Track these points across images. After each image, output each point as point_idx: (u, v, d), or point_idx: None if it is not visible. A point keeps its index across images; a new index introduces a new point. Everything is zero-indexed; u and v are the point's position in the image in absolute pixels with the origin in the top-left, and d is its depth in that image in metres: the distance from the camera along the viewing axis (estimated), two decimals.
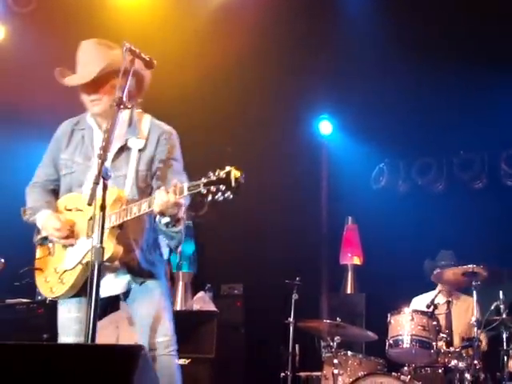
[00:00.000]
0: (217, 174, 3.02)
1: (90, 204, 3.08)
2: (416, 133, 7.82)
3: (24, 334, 5.88)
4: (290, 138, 8.12)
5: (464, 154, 8.00)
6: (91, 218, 3.39)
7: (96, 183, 3.07)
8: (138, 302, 3.57)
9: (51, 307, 6.08)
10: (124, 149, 3.59)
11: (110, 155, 3.50)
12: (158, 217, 3.34)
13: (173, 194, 3.15)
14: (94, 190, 3.07)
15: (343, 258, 8.30)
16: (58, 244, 3.58)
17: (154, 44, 6.25)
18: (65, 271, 3.53)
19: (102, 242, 3.06)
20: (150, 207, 3.25)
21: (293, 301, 6.46)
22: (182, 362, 6.32)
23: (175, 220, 3.33)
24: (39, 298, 6.36)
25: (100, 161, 3.11)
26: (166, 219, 3.31)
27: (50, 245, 3.63)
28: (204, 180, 3.03)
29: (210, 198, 3.02)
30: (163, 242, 3.64)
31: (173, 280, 7.49)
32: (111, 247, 3.35)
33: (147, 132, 3.62)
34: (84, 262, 3.43)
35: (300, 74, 7.65)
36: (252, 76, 7.55)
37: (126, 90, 3.32)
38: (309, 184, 8.24)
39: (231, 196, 3.00)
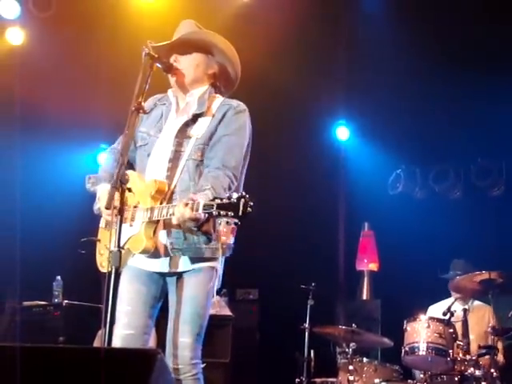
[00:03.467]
0: (231, 197, 3.03)
1: (107, 208, 3.11)
2: (433, 139, 7.80)
3: (40, 337, 5.92)
4: (307, 144, 8.11)
5: (481, 161, 7.96)
6: (136, 206, 3.41)
7: (114, 187, 3.08)
8: (172, 302, 3.49)
9: (68, 310, 6.16)
10: (189, 125, 3.57)
11: (174, 130, 3.55)
12: None
13: (189, 209, 3.15)
14: (111, 194, 3.08)
15: (359, 264, 8.28)
16: None
17: None
18: (112, 251, 3.55)
19: (119, 245, 3.08)
20: (170, 215, 3.27)
21: (308, 306, 6.45)
22: None
23: (197, 225, 3.31)
24: (55, 300, 6.40)
25: (118, 165, 3.13)
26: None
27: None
28: (218, 201, 3.04)
29: (220, 220, 3.09)
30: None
31: None
32: (144, 242, 3.36)
33: (215, 110, 3.60)
34: (125, 247, 3.39)
35: (318, 80, 7.65)
36: (269, 81, 7.55)
37: (144, 94, 3.33)
38: (325, 190, 8.22)
39: (239, 223, 3.06)
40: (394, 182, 8.43)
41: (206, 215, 3.17)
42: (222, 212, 3.03)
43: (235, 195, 3.04)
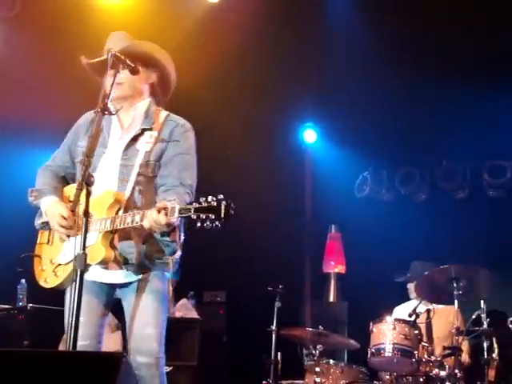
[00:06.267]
0: (209, 200, 3.03)
1: (72, 210, 3.08)
2: (399, 142, 7.86)
3: (4, 341, 5.84)
4: (274, 146, 8.13)
5: (447, 164, 8.04)
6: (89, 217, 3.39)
7: (79, 189, 3.06)
8: (129, 305, 3.52)
9: (32, 314, 6.08)
10: (137, 139, 3.60)
11: (122, 144, 3.57)
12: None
13: (163, 215, 3.15)
14: (77, 196, 3.07)
15: (326, 266, 8.31)
16: (57, 235, 3.58)
17: None
18: (59, 264, 3.53)
19: (84, 248, 3.05)
20: (141, 221, 3.26)
21: (275, 309, 6.46)
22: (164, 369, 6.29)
23: (167, 232, 3.33)
24: (20, 304, 6.32)
25: (84, 166, 3.11)
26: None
27: (51, 233, 3.63)
28: (195, 205, 3.05)
29: (199, 224, 3.05)
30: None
31: None
32: (103, 251, 3.35)
33: (161, 125, 3.64)
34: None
35: (285, 82, 7.67)
36: (236, 82, 7.56)
37: (111, 96, 3.34)
38: (292, 192, 8.25)
39: (219, 226, 3.04)
40: (361, 185, 8.48)
41: (178, 221, 3.17)
42: (201, 215, 3.02)
43: (211, 198, 3.04)
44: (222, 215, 3.01)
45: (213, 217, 3.01)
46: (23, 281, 6.39)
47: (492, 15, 6.70)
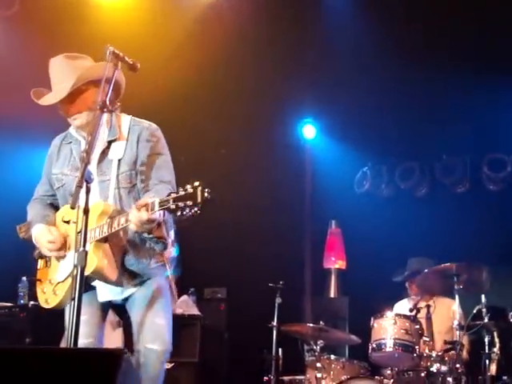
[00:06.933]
0: (186, 188, 3.05)
1: (72, 208, 3.08)
2: (399, 137, 7.86)
3: (6, 338, 5.85)
4: (273, 142, 8.13)
5: (446, 159, 8.04)
6: (79, 232, 3.40)
7: (79, 186, 3.06)
8: (136, 307, 3.57)
9: (34, 311, 6.09)
10: (106, 152, 3.62)
11: (94, 160, 3.57)
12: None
13: (145, 211, 3.18)
14: (76, 194, 3.07)
15: (327, 261, 8.32)
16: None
17: (139, 45, 6.24)
18: (58, 283, 3.58)
19: (85, 245, 3.05)
20: (126, 222, 3.29)
21: (276, 304, 6.46)
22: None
23: (151, 231, 3.35)
24: (21, 301, 6.33)
25: (83, 164, 3.11)
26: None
27: (48, 256, 3.68)
28: (173, 195, 3.07)
29: (178, 213, 3.05)
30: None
31: None
32: (95, 261, 3.36)
33: (127, 132, 3.66)
34: (74, 274, 3.41)
35: (285, 78, 7.67)
36: (237, 79, 7.56)
37: (109, 94, 3.33)
38: (292, 188, 8.25)
39: (198, 212, 3.03)
40: (361, 180, 8.48)
41: (161, 215, 3.21)
42: (180, 204, 3.04)
43: (188, 186, 3.06)
44: (199, 199, 3.01)
45: (190, 203, 3.02)
46: (24, 278, 6.40)
47: (492, 11, 6.70)
